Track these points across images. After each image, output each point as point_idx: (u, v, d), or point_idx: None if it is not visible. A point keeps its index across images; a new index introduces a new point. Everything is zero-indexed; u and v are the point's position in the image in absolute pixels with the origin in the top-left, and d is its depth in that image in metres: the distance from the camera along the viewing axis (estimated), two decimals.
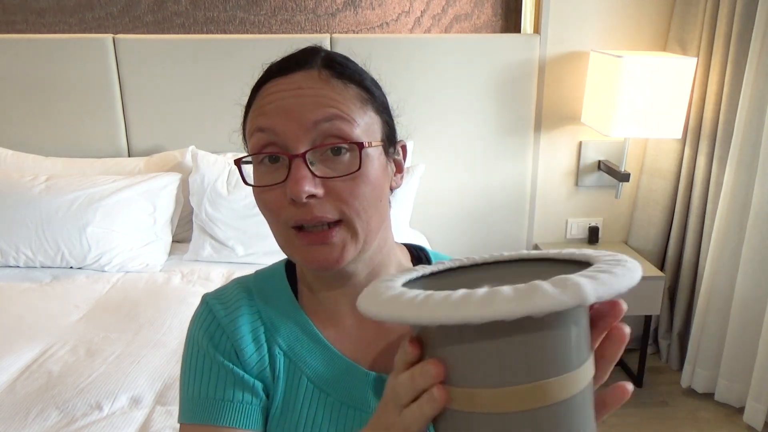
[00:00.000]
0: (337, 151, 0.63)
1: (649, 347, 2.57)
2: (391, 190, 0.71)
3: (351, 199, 0.63)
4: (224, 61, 2.28)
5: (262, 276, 0.76)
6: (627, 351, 2.67)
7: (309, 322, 0.72)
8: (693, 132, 2.32)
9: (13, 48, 2.27)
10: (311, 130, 0.62)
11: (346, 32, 2.38)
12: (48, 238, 2.02)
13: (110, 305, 1.84)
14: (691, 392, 2.37)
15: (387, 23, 2.38)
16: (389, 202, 0.70)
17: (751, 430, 2.16)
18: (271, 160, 0.64)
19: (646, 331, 2.38)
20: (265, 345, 0.71)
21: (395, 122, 0.72)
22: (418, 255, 0.79)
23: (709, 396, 2.33)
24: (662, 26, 2.35)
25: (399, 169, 0.72)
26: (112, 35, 2.28)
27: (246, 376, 0.69)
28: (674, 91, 2.08)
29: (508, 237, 2.54)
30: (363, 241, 0.65)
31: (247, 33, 2.37)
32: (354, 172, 0.63)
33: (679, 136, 2.16)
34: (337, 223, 0.63)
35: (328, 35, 2.29)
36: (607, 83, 2.15)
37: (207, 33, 2.37)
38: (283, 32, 2.38)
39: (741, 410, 2.22)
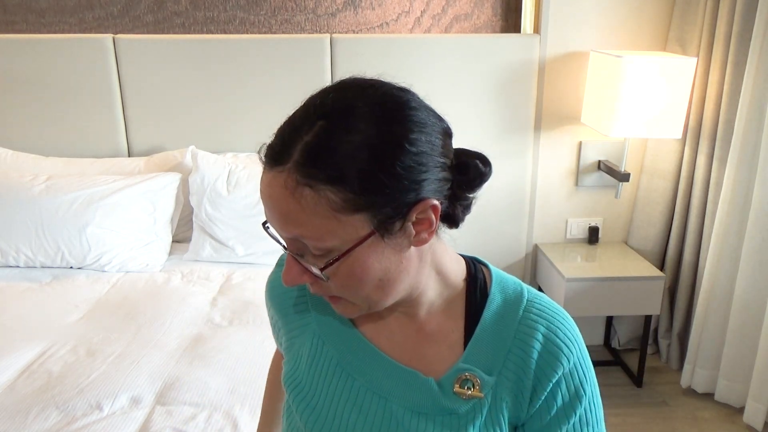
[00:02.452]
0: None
1: (649, 347, 2.57)
2: (419, 244, 0.67)
3: (339, 291, 0.66)
4: (224, 61, 2.29)
5: None
6: (627, 351, 2.67)
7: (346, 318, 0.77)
8: (693, 132, 2.32)
9: (13, 48, 2.27)
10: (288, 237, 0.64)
11: (346, 32, 2.38)
12: (48, 238, 2.02)
13: (110, 305, 1.84)
14: (691, 392, 2.37)
15: (387, 23, 2.38)
16: (418, 256, 0.68)
17: (751, 430, 2.16)
18: None
19: (646, 331, 2.38)
20: (300, 322, 0.79)
21: (422, 178, 0.63)
22: (474, 273, 0.76)
23: (709, 396, 2.33)
24: (662, 26, 2.35)
25: (426, 225, 0.65)
26: (112, 35, 2.28)
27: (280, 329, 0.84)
28: (674, 91, 2.08)
29: (508, 237, 2.54)
30: (368, 308, 0.69)
31: (247, 33, 2.37)
32: (322, 279, 0.65)
33: (679, 136, 2.16)
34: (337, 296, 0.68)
35: (328, 35, 2.29)
36: (607, 83, 2.15)
37: (207, 33, 2.37)
38: (283, 32, 2.38)
39: (741, 410, 2.22)
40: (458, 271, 0.75)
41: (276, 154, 0.61)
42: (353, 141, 0.59)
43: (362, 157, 0.59)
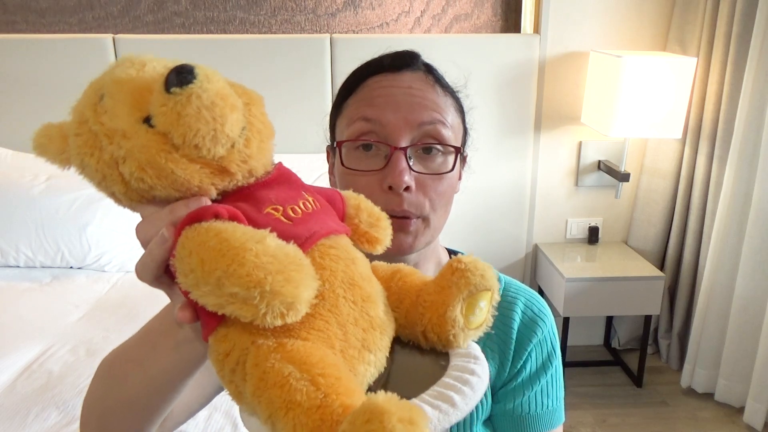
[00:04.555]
0: (428, 151, 0.71)
1: (649, 347, 2.57)
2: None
3: (434, 196, 0.71)
4: (224, 61, 2.28)
5: None
6: (627, 351, 2.67)
7: None
8: (693, 132, 2.32)
9: (13, 48, 2.27)
10: (415, 129, 0.69)
11: (346, 32, 2.38)
12: (48, 238, 2.02)
13: (110, 305, 1.84)
14: (691, 392, 2.37)
15: (387, 23, 2.38)
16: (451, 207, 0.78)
17: (751, 430, 2.16)
18: (365, 147, 0.70)
19: (646, 331, 2.38)
20: None
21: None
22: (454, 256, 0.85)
23: (709, 396, 2.33)
24: (662, 26, 2.35)
25: (459, 176, 0.79)
26: (112, 35, 2.28)
27: None
28: (674, 91, 2.08)
29: (508, 237, 2.54)
30: (432, 235, 0.74)
31: (247, 33, 2.37)
32: (446, 172, 0.71)
33: (679, 136, 2.16)
34: (417, 216, 0.71)
35: (328, 35, 2.29)
36: (607, 83, 2.15)
37: (207, 33, 2.36)
38: (283, 32, 2.38)
39: (741, 410, 2.22)
40: (443, 253, 0.86)
41: (407, 62, 0.74)
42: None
43: (456, 93, 0.77)
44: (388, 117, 0.68)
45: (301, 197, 0.51)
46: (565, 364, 2.40)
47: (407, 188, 0.68)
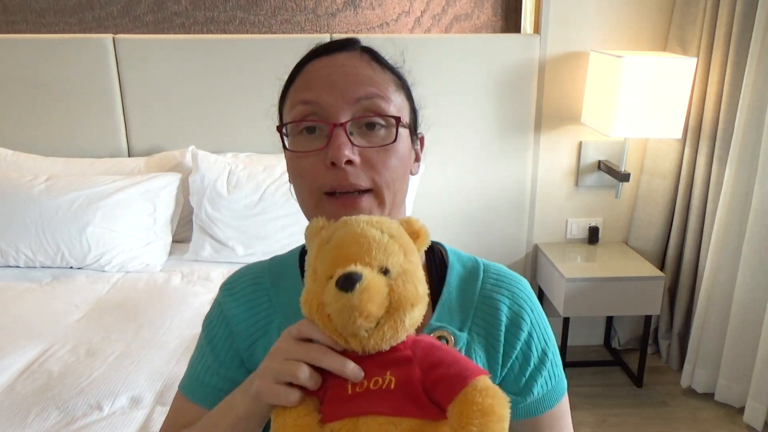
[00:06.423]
0: (371, 126, 0.71)
1: (649, 347, 2.57)
2: (412, 172, 0.79)
3: (383, 169, 0.70)
4: (224, 61, 2.28)
5: (278, 261, 0.83)
6: (627, 351, 2.67)
7: None
8: (693, 132, 2.32)
9: (13, 48, 2.27)
10: (353, 105, 0.70)
11: (346, 32, 2.38)
12: (48, 238, 2.02)
13: (110, 305, 1.84)
14: (691, 392, 2.37)
15: (387, 23, 2.38)
16: (407, 185, 0.77)
17: (751, 430, 2.16)
18: (309, 131, 0.71)
19: (646, 331, 2.38)
20: (263, 322, 0.77)
21: (418, 116, 0.80)
22: (431, 246, 0.82)
23: (709, 396, 2.33)
24: (662, 26, 2.35)
25: (417, 157, 0.80)
26: (112, 35, 2.28)
27: (227, 370, 0.78)
28: (674, 91, 2.08)
29: (508, 237, 2.54)
30: (388, 212, 0.73)
31: (247, 33, 2.37)
32: (389, 143, 0.71)
33: (679, 136, 2.16)
34: (368, 191, 0.70)
35: (328, 35, 2.29)
36: (607, 83, 2.15)
37: (207, 33, 2.37)
38: (283, 32, 2.38)
39: (741, 410, 2.22)
40: None
41: (342, 45, 0.74)
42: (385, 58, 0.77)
43: (398, 70, 0.77)
44: (326, 97, 0.69)
45: (381, 374, 0.59)
46: (565, 365, 2.40)
47: (350, 162, 0.68)
